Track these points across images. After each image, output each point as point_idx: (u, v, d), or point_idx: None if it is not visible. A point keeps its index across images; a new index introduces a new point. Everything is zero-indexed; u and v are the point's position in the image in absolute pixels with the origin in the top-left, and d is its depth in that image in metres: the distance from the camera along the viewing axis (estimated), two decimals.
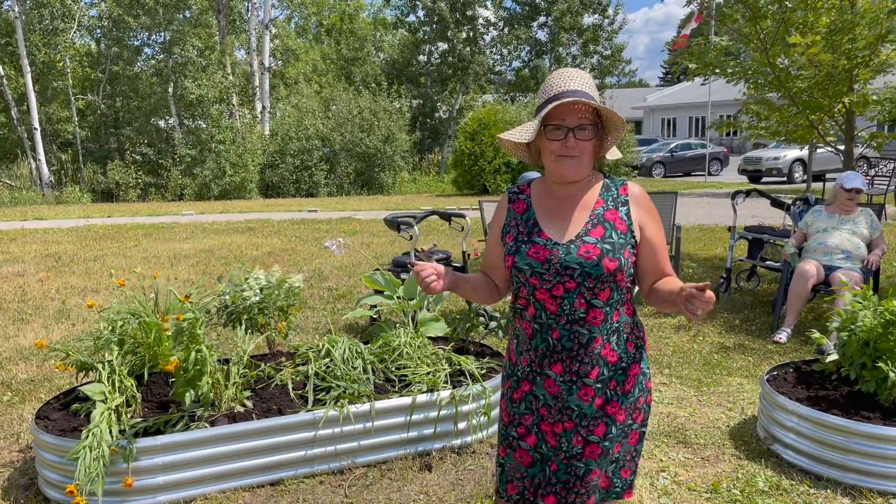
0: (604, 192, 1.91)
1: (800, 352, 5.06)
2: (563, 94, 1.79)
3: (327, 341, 3.81)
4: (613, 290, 1.84)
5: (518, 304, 1.94)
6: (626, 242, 1.85)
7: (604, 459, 1.92)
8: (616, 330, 1.88)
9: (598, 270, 1.79)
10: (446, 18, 30.26)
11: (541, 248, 1.84)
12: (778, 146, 22.03)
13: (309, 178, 22.29)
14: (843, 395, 3.49)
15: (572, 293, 1.81)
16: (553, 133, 1.82)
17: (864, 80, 7.43)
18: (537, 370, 1.91)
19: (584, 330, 1.83)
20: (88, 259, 9.36)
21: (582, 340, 1.84)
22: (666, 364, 4.90)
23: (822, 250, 5.45)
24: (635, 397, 1.93)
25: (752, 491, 3.14)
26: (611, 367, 1.88)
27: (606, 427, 1.89)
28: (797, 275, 5.34)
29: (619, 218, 1.87)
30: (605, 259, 1.80)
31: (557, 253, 1.82)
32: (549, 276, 1.82)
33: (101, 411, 2.95)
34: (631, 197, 1.90)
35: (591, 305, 1.82)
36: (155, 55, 25.88)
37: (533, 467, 1.96)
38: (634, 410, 1.93)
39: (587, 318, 1.83)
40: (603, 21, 32.83)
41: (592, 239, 1.83)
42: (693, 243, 9.76)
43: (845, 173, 5.63)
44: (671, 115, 42.67)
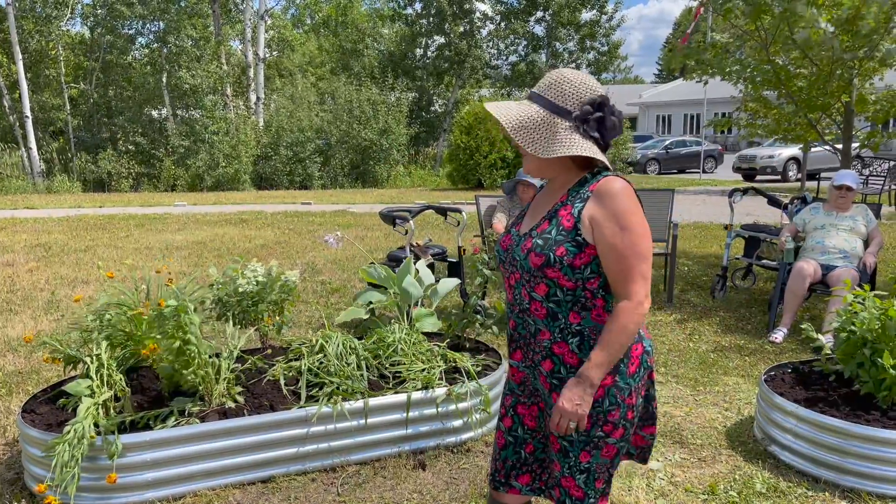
0: (575, 187, 1.85)
1: (796, 352, 5.03)
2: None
3: (321, 336, 3.75)
4: (552, 287, 1.81)
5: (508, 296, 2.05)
6: (565, 239, 1.78)
7: (564, 460, 1.88)
8: (577, 333, 1.83)
9: (526, 265, 1.84)
10: (444, 11, 30.13)
11: (508, 238, 1.96)
12: (773, 144, 22.04)
13: (303, 171, 22.18)
14: (841, 396, 3.46)
15: (519, 283, 1.89)
16: None
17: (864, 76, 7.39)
18: (511, 361, 2.03)
19: (531, 320, 1.89)
20: (79, 249, 9.27)
21: (530, 330, 1.90)
22: (662, 363, 4.87)
23: (819, 249, 5.42)
24: (605, 409, 1.83)
25: (750, 493, 3.11)
26: (569, 367, 1.84)
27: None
28: (794, 273, 5.31)
29: (567, 214, 1.81)
30: (531, 254, 1.83)
31: (512, 244, 1.92)
32: (506, 265, 1.93)
33: (86, 406, 2.89)
34: (594, 193, 1.79)
35: (532, 298, 1.87)
36: (149, 44, 25.68)
37: (506, 450, 2.03)
38: (607, 423, 1.84)
39: (531, 309, 1.88)
40: (600, 17, 32.75)
41: (536, 233, 1.86)
42: (689, 241, 9.74)
43: (838, 171, 5.64)
44: (666, 111, 42.68)
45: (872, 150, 7.88)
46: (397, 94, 24.59)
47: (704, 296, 6.70)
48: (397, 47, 33.06)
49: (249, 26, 24.94)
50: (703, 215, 13.00)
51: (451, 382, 3.59)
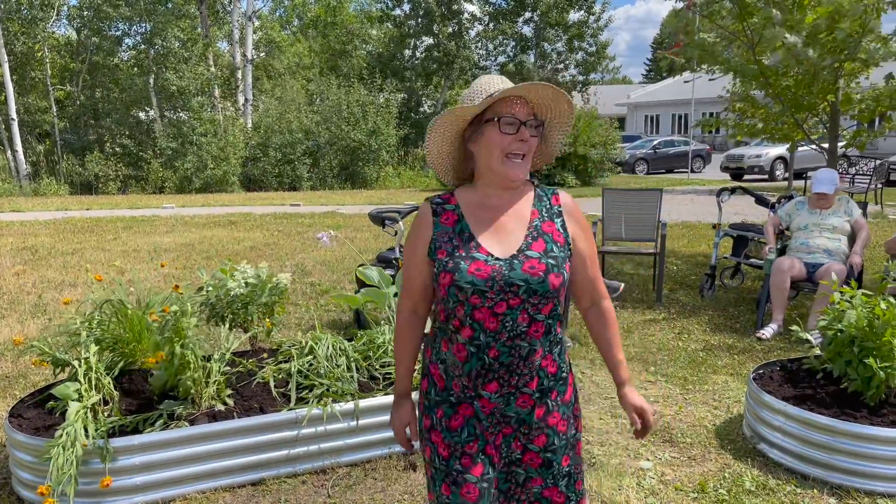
0: (537, 202, 1.84)
1: (785, 350, 5.06)
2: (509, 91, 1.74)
3: (310, 338, 3.74)
4: (556, 304, 1.80)
5: (450, 325, 1.78)
6: (566, 256, 1.80)
7: (548, 472, 1.86)
8: (558, 342, 1.85)
9: (544, 287, 1.72)
10: (432, 12, 30.14)
11: (482, 264, 1.71)
12: (759, 144, 22.18)
13: (292, 172, 22.11)
14: (829, 393, 3.48)
15: (516, 309, 1.72)
16: (507, 127, 1.72)
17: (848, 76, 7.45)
18: (471, 394, 1.79)
19: (525, 343, 1.75)
20: (66, 252, 9.21)
21: (522, 353, 1.76)
22: (651, 362, 4.89)
23: (804, 249, 5.48)
24: (572, 405, 1.91)
25: (739, 491, 3.12)
26: (551, 377, 1.83)
27: (548, 438, 1.84)
28: (774, 270, 5.40)
29: (556, 230, 1.81)
30: (550, 275, 1.73)
31: (500, 269, 1.71)
32: (491, 294, 1.70)
33: (75, 410, 2.87)
34: (564, 208, 1.86)
35: (533, 320, 1.75)
36: (136, 46, 25.54)
37: (481, 500, 1.79)
38: (574, 419, 1.90)
39: (529, 331, 1.75)
40: (588, 18, 32.85)
41: (535, 253, 1.75)
42: (677, 240, 9.78)
43: (817, 172, 5.63)
44: (654, 111, 42.84)
45: (858, 149, 7.94)
46: (386, 95, 24.54)
47: (693, 295, 6.73)
48: (386, 48, 33.04)
49: (237, 27, 24.85)
50: (691, 215, 13.06)
51: None
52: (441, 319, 1.82)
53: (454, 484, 1.77)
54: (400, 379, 1.92)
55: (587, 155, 20.52)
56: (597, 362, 4.85)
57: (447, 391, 1.81)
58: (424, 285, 1.84)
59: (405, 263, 1.86)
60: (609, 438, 3.66)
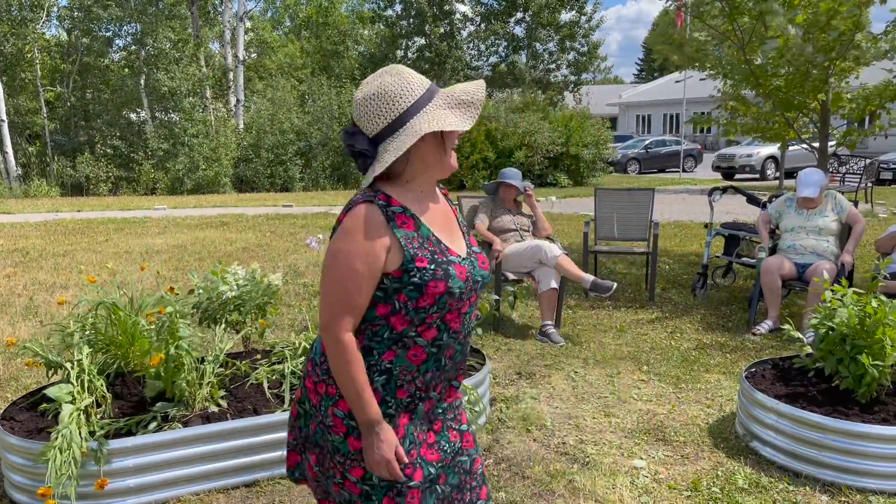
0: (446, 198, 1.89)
1: (776, 348, 5.09)
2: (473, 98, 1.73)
3: (304, 339, 3.74)
4: None
5: (411, 332, 1.70)
6: None
7: (478, 446, 1.93)
8: None
9: (488, 280, 1.79)
10: (424, 13, 30.15)
11: (458, 265, 1.70)
12: (751, 143, 22.28)
13: (284, 173, 22.06)
14: (821, 391, 3.51)
15: (473, 306, 1.78)
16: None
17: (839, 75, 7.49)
18: (421, 395, 1.75)
19: (471, 339, 1.85)
20: (57, 254, 9.16)
21: (468, 350, 1.84)
22: (644, 361, 4.90)
23: (792, 252, 5.51)
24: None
25: (732, 489, 3.14)
26: None
27: (464, 413, 1.92)
28: (764, 272, 5.43)
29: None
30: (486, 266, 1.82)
31: (468, 269, 1.73)
32: (465, 293, 1.71)
33: (69, 412, 2.86)
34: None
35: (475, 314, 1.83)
36: (126, 46, 25.44)
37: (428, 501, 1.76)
38: None
39: (472, 326, 1.83)
40: (580, 18, 32.93)
41: (476, 248, 1.84)
42: (669, 240, 9.82)
43: (802, 173, 5.61)
44: (646, 111, 42.98)
45: (849, 148, 7.99)
46: None
47: (685, 294, 6.75)
48: (377, 49, 33.04)
49: (228, 28, 24.78)
50: (683, 214, 13.11)
51: None
52: (398, 329, 1.69)
53: (399, 495, 1.71)
54: (370, 404, 1.66)
55: (579, 155, 20.58)
56: (590, 361, 4.86)
57: (384, 405, 1.70)
58: (369, 298, 1.68)
59: (345, 277, 1.63)
60: (603, 437, 3.68)
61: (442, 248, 1.71)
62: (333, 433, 1.71)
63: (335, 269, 1.64)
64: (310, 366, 1.77)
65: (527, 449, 3.55)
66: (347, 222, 1.64)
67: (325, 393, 1.72)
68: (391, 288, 1.66)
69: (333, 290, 1.64)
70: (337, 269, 1.64)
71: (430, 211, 1.75)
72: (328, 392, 1.72)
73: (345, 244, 1.63)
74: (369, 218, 1.63)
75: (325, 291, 1.66)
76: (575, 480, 3.21)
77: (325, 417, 1.72)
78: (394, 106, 1.65)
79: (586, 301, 6.51)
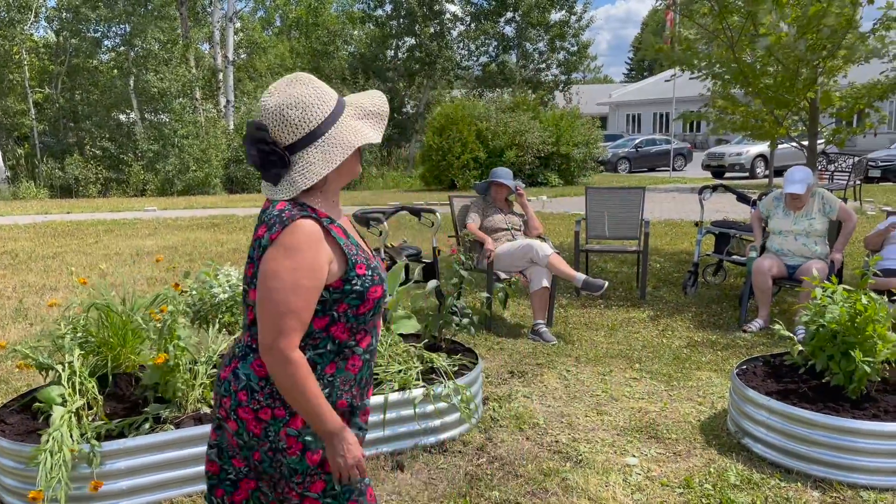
0: None
1: (767, 346, 5.11)
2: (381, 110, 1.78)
3: None
4: None
5: (352, 340, 1.73)
6: None
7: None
8: None
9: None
10: (414, 13, 30.14)
11: (380, 267, 1.78)
12: (740, 142, 22.38)
13: None
14: (811, 388, 3.53)
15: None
16: None
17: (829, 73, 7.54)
18: (357, 403, 1.78)
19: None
20: (47, 256, 9.11)
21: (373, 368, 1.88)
22: (636, 359, 4.92)
23: (780, 254, 5.54)
24: None
25: (725, 485, 3.16)
26: None
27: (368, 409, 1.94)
28: (755, 272, 5.45)
29: None
30: None
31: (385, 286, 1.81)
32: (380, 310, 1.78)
33: (60, 414, 2.84)
34: None
35: None
36: (115, 47, 25.31)
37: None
38: None
39: None
40: (569, 17, 33.00)
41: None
42: (660, 238, 9.85)
43: (789, 171, 5.58)
44: (636, 110, 43.09)
45: (838, 146, 8.04)
46: None
47: (676, 292, 6.78)
48: (368, 49, 32.99)
49: (218, 29, 24.71)
50: (673, 212, 13.16)
51: (428, 383, 3.59)
52: (340, 340, 1.70)
53: (361, 495, 1.77)
54: (331, 413, 1.65)
55: (570, 154, 20.62)
56: (582, 360, 4.87)
57: None
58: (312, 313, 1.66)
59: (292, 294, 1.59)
60: (595, 436, 3.69)
61: (369, 253, 1.77)
62: (289, 455, 1.67)
63: (280, 289, 1.59)
64: (243, 396, 1.67)
65: (520, 447, 3.55)
66: (288, 239, 1.60)
67: (272, 417, 1.66)
68: (331, 300, 1.66)
69: (279, 309, 1.59)
70: (282, 288, 1.59)
71: (343, 218, 1.80)
72: (276, 415, 1.66)
73: (290, 261, 1.59)
74: (311, 232, 1.61)
75: (269, 312, 1.60)
76: (568, 478, 3.22)
77: (277, 442, 1.66)
78: (311, 117, 1.65)
79: (578, 300, 6.53)
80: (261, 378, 1.67)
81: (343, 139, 1.67)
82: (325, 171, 1.64)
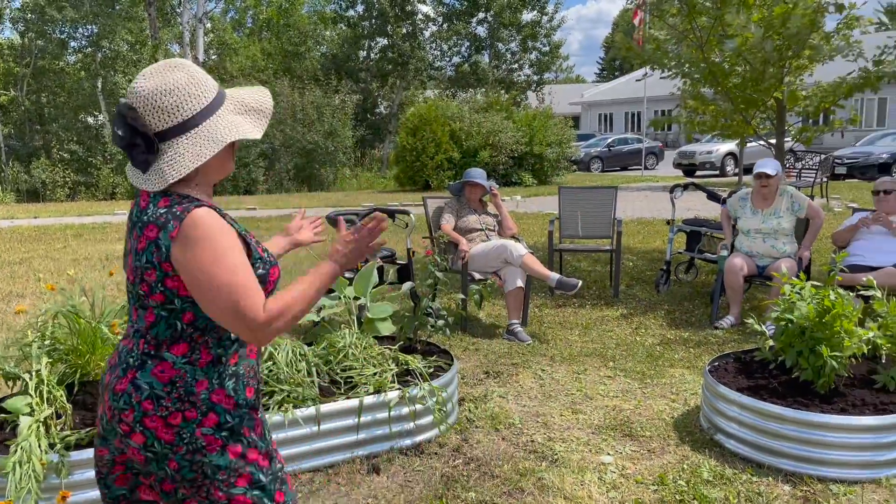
0: None
1: (738, 342, 5.18)
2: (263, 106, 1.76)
3: (269, 344, 3.70)
4: None
5: None
6: None
7: None
8: None
9: None
10: (386, 13, 30.09)
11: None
12: (710, 141, 22.66)
13: (247, 176, 21.85)
14: (781, 383, 3.58)
15: None
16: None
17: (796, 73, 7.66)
18: (259, 387, 1.78)
19: None
20: (13, 262, 8.93)
21: None
22: (610, 357, 4.96)
23: (749, 255, 5.62)
24: None
25: (698, 481, 3.19)
26: None
27: None
28: (727, 270, 5.52)
29: None
30: None
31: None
32: None
33: (27, 424, 2.79)
34: None
35: None
36: (82, 49, 24.93)
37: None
38: None
39: None
40: (541, 18, 33.18)
41: None
42: (633, 237, 9.94)
43: (760, 160, 5.74)
44: (608, 110, 43.45)
45: (804, 144, 8.18)
46: (342, 96, 24.42)
47: (649, 290, 6.84)
48: (340, 49, 32.89)
49: (187, 30, 24.44)
50: (646, 211, 13.28)
51: (403, 385, 3.58)
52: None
53: (283, 483, 1.75)
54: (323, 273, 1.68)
55: (543, 154, 20.73)
56: (556, 359, 4.90)
57: (239, 407, 1.68)
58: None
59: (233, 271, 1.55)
60: (570, 434, 3.71)
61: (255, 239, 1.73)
62: (209, 452, 1.63)
63: (216, 282, 1.53)
64: (148, 405, 1.59)
65: (496, 448, 3.56)
66: (194, 232, 1.54)
67: (184, 420, 1.60)
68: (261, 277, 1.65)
69: (230, 299, 1.53)
70: (217, 278, 1.53)
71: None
72: (187, 417, 1.61)
73: (208, 252, 1.54)
74: (213, 217, 1.57)
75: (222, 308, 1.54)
76: (544, 478, 3.23)
77: (194, 442, 1.61)
78: (186, 105, 1.60)
79: (552, 299, 6.56)
80: (165, 384, 1.61)
81: (216, 133, 1.61)
82: (193, 165, 1.58)
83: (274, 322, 1.56)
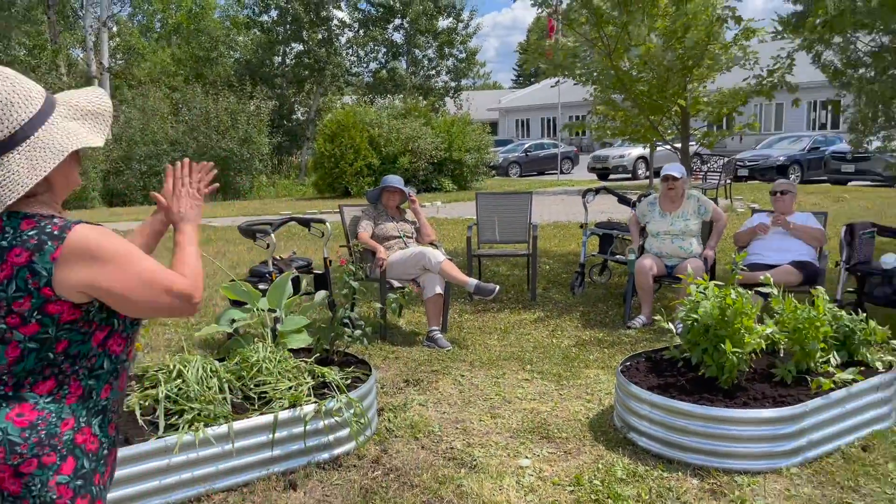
0: None
1: (650, 341, 5.35)
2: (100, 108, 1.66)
3: (179, 361, 3.58)
4: None
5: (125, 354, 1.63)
6: None
7: None
8: None
9: None
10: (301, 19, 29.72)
11: None
12: (622, 145, 23.40)
13: (159, 185, 21.10)
14: (689, 380, 3.71)
15: None
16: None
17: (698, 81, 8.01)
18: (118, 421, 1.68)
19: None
20: None
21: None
22: (527, 360, 5.02)
23: (658, 255, 5.83)
24: None
25: (612, 480, 3.26)
26: None
27: None
28: (638, 271, 5.72)
29: None
30: None
31: None
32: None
33: None
34: None
35: None
36: None
37: None
38: None
39: None
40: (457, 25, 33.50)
41: None
42: (549, 240, 10.13)
43: (666, 165, 6.06)
44: (524, 116, 44.26)
45: (707, 147, 8.56)
46: (257, 102, 23.93)
47: (565, 292, 6.98)
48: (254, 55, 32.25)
49: (91, 34, 23.44)
50: (562, 215, 13.56)
51: (320, 398, 3.53)
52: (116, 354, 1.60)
53: None
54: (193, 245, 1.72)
55: (462, 160, 20.89)
56: (476, 364, 4.93)
57: (101, 448, 1.59)
58: None
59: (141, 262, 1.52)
60: (489, 439, 3.73)
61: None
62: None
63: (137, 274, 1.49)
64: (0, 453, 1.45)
65: (415, 457, 3.55)
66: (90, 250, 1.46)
67: (39, 466, 1.47)
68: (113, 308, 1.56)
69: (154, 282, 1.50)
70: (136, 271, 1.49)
71: None
72: (43, 463, 1.47)
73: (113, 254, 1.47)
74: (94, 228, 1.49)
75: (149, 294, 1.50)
76: (463, 485, 3.24)
77: (44, 494, 1.47)
78: (12, 116, 1.45)
79: (471, 305, 6.61)
80: (23, 428, 1.47)
81: (53, 143, 1.48)
82: (32, 181, 1.44)
83: (198, 284, 1.58)
